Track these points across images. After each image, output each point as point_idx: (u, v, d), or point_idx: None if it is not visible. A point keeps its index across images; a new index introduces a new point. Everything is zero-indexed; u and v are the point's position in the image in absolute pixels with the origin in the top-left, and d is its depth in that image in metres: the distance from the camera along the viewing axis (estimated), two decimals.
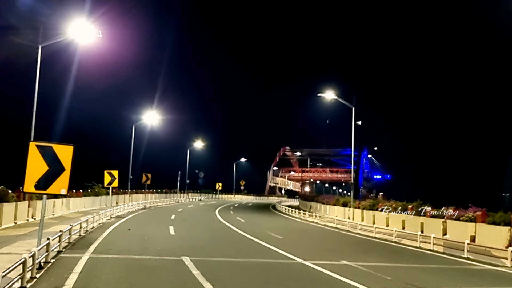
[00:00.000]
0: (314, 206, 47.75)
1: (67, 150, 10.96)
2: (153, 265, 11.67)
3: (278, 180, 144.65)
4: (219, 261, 13.01)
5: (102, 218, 24.22)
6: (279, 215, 41.77)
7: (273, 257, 14.31)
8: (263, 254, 14.82)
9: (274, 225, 28.66)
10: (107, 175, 27.09)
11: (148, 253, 13.66)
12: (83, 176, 45.70)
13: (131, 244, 15.57)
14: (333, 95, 36.24)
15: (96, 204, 36.53)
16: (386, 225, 27.80)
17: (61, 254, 12.73)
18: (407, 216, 26.65)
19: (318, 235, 23.57)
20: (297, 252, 15.23)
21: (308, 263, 13.07)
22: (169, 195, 63.48)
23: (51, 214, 26.33)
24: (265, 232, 22.79)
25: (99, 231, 19.43)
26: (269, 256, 14.52)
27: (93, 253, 13.13)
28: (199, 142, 76.55)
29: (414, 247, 18.85)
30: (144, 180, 44.09)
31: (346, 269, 12.47)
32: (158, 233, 19.67)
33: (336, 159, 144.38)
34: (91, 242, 15.60)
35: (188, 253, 13.97)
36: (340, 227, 27.87)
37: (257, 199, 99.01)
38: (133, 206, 37.53)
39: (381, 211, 30.24)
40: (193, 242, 17.37)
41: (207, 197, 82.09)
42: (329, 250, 16.85)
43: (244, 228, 23.98)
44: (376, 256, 15.65)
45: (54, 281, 9.22)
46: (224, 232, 22.65)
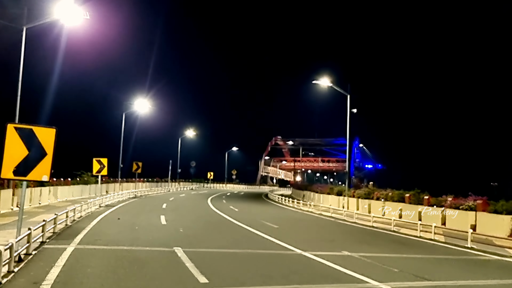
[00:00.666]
0: (307, 195, 47.21)
1: (49, 133, 10.04)
2: (143, 257, 10.87)
3: (270, 170, 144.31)
4: (214, 252, 12.23)
5: (90, 207, 23.33)
6: (273, 204, 41.12)
7: (271, 248, 13.58)
8: (260, 245, 14.08)
9: (268, 214, 27.98)
10: (96, 163, 26.12)
11: (139, 243, 12.85)
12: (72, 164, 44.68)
13: (120, 234, 14.74)
14: (328, 82, 35.44)
15: (85, 193, 35.56)
16: (382, 214, 27.28)
17: (45, 245, 11.88)
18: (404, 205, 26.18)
19: (315, 224, 22.92)
20: (296, 242, 14.53)
21: (308, 254, 12.35)
22: (160, 184, 62.58)
23: (37, 202, 25.37)
24: (259, 221, 22.08)
25: (87, 220, 18.56)
26: (267, 246, 13.79)
27: (79, 244, 12.29)
28: (191, 131, 75.47)
29: (415, 236, 18.25)
30: (135, 168, 43.10)
31: (349, 260, 11.78)
32: (149, 223, 18.85)
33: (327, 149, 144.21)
34: (78, 232, 14.75)
35: (181, 243, 13.18)
36: (336, 216, 27.26)
37: (249, 188, 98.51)
38: (123, 195, 36.63)
39: (377, 200, 29.76)
40: (186, 232, 16.59)
41: (199, 186, 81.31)
42: (328, 240, 16.17)
43: (238, 217, 23.24)
44: (377, 246, 15.00)
45: (34, 276, 8.37)
46: (217, 221, 21.90)
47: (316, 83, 35.75)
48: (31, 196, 24.39)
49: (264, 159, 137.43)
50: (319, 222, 23.93)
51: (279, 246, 13.90)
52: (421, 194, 25.48)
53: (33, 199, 24.70)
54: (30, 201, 24.25)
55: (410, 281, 9.47)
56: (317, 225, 22.70)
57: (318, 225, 22.69)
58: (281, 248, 13.41)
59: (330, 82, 35.39)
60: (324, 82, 35.51)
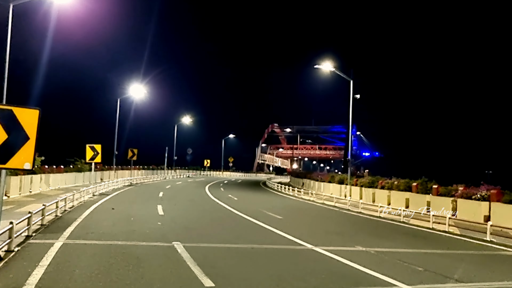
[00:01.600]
0: (307, 183, 46.25)
1: (32, 115, 8.83)
2: (139, 253, 9.76)
3: (266, 157, 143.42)
4: (217, 247, 11.14)
5: (83, 195, 22.18)
6: (272, 193, 40.13)
7: (278, 242, 12.51)
8: (266, 239, 13.00)
9: (269, 204, 26.95)
10: (89, 150, 24.91)
11: (134, 237, 11.74)
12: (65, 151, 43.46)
13: (114, 226, 13.62)
14: (331, 67, 34.24)
15: (79, 180, 34.38)
16: (388, 203, 26.32)
17: (30, 239, 10.74)
18: (411, 194, 25.22)
19: (319, 215, 21.88)
20: (303, 235, 13.48)
21: (320, 249, 11.29)
22: (156, 171, 61.43)
23: (28, 191, 24.18)
24: (261, 211, 21.03)
25: (79, 210, 17.42)
26: (274, 240, 12.72)
27: (69, 238, 11.15)
28: (187, 118, 74.11)
29: (427, 228, 17.26)
30: (130, 155, 41.90)
31: (365, 257, 10.73)
32: (145, 213, 17.74)
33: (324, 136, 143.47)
34: (68, 224, 13.61)
35: (180, 237, 12.10)
36: (340, 205, 26.27)
37: (246, 176, 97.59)
38: (118, 183, 35.49)
39: (382, 189, 28.77)
40: (185, 223, 15.50)
41: (195, 173, 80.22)
42: (337, 232, 15.11)
43: (238, 207, 22.19)
44: (391, 240, 13.97)
45: (13, 279, 7.23)
46: (217, 211, 20.82)
47: (318, 68, 34.57)
48: (21, 184, 23.20)
49: (261, 146, 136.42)
50: (323, 212, 22.90)
51: (286, 240, 12.83)
52: (429, 183, 24.49)
53: (23, 187, 23.50)
54: (20, 190, 23.07)
55: (441, 283, 8.42)
56: (322, 215, 21.68)
57: (322, 215, 21.66)
58: (289, 243, 12.34)
59: (332, 67, 34.21)
60: (326, 66, 34.31)
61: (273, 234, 13.89)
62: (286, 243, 12.30)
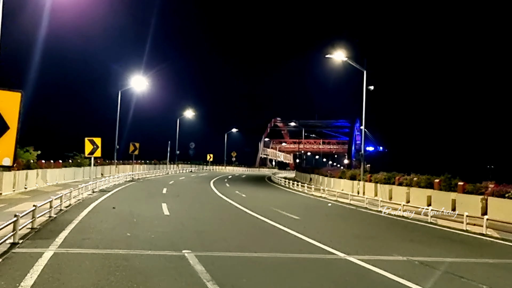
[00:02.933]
0: (315, 179, 44.61)
1: (12, 99, 7.12)
2: (145, 267, 8.11)
3: (269, 152, 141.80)
4: (235, 258, 9.47)
5: (82, 192, 20.55)
6: (280, 189, 38.50)
7: (304, 249, 10.85)
8: (289, 245, 11.35)
9: (280, 201, 25.33)
10: (88, 143, 23.22)
11: (138, 244, 10.10)
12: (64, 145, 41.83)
13: (115, 230, 11.97)
14: (343, 57, 32.48)
15: (78, 176, 32.78)
16: (407, 201, 24.68)
17: (16, 248, 9.10)
18: (433, 192, 23.55)
19: (337, 214, 20.19)
20: (330, 240, 11.83)
21: (354, 259, 9.64)
22: (158, 166, 59.84)
23: (23, 187, 22.55)
24: (274, 210, 19.40)
25: (76, 210, 15.78)
26: (298, 248, 11.06)
27: (61, 246, 9.50)
28: (190, 112, 72.33)
29: (460, 230, 15.60)
30: (132, 150, 40.25)
31: (412, 269, 9.08)
32: (149, 213, 16.09)
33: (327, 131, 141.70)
34: (63, 227, 11.97)
35: (191, 244, 10.46)
36: (355, 203, 24.62)
37: (249, 170, 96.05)
38: (119, 178, 33.87)
39: (399, 186, 27.10)
40: (194, 225, 13.85)
41: (198, 168, 78.61)
42: (367, 237, 13.43)
43: (248, 205, 20.55)
44: (429, 246, 12.29)
45: None
46: (227, 210, 19.19)
47: (329, 58, 32.82)
48: (15, 180, 21.56)
49: (264, 141, 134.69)
50: (341, 211, 21.21)
51: (312, 246, 11.18)
52: (453, 179, 22.81)
53: (17, 184, 21.87)
54: (13, 186, 21.44)
55: None
56: (340, 215, 20.00)
57: (341, 215, 19.98)
58: (317, 250, 10.68)
59: (345, 57, 32.46)
60: (338, 56, 32.55)
61: (295, 239, 12.23)
62: (313, 250, 10.63)
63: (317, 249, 10.77)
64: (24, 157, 23.56)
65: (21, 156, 23.40)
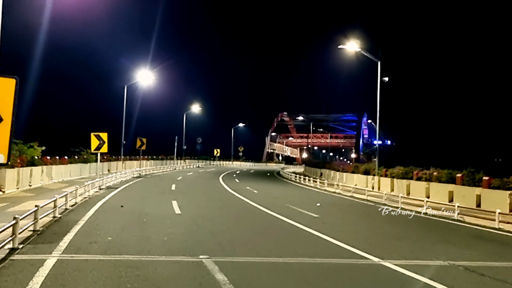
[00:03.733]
0: (326, 174, 43.56)
1: (5, 87, 6.16)
2: (159, 277, 7.15)
3: (276, 146, 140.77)
4: (259, 264, 8.46)
5: (88, 190, 19.67)
6: (291, 184, 37.50)
7: (332, 253, 9.82)
8: (315, 248, 10.33)
9: (294, 197, 24.33)
10: (94, 139, 22.32)
11: (150, 248, 9.14)
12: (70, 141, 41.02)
13: (124, 232, 11.02)
14: (357, 47, 31.32)
15: (84, 172, 31.96)
16: (426, 196, 23.56)
17: (15, 254, 8.17)
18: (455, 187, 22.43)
19: (357, 211, 19.09)
20: (358, 242, 10.83)
21: (391, 264, 8.62)
22: (166, 162, 59.01)
23: (27, 185, 21.71)
24: (290, 207, 18.41)
25: (82, 209, 14.88)
26: (326, 251, 10.05)
27: (65, 252, 8.55)
28: (196, 106, 71.35)
29: (492, 228, 14.51)
30: (139, 145, 39.32)
31: (460, 277, 8.05)
32: (159, 212, 15.16)
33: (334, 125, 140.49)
34: (68, 229, 11.04)
35: (208, 247, 9.49)
36: (373, 199, 23.57)
37: (256, 165, 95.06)
38: (126, 175, 33.02)
39: (418, 180, 25.99)
40: (208, 225, 12.88)
41: (205, 163, 77.75)
42: (397, 237, 12.37)
43: (262, 202, 19.57)
44: (467, 248, 11.20)
45: None
46: (241, 208, 18.21)
47: (341, 48, 31.68)
48: (19, 178, 20.70)
49: (270, 135, 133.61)
50: (360, 208, 20.15)
51: (340, 249, 10.16)
52: (476, 174, 21.67)
53: (21, 181, 21.00)
54: (17, 184, 20.58)
55: None
56: (361, 212, 18.91)
57: (361, 212, 18.89)
58: (346, 253, 9.66)
59: (358, 47, 31.29)
60: (351, 46, 31.40)
61: (321, 240, 11.22)
62: (343, 254, 9.62)
63: (347, 253, 9.75)
64: (28, 153, 22.68)
65: (25, 152, 22.55)
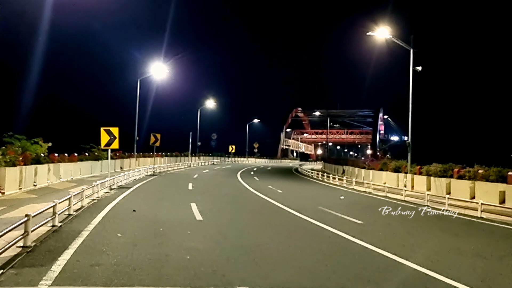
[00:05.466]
0: (349, 171, 41.07)
1: None
2: None
3: (290, 143, 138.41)
4: None
5: (97, 190, 17.60)
6: (313, 182, 35.14)
7: (406, 280, 7.50)
8: (381, 270, 7.99)
9: (323, 198, 22.02)
10: (104, 134, 20.30)
11: (169, 274, 6.92)
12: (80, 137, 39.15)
13: (136, 248, 8.81)
14: (387, 34, 28.76)
15: (96, 170, 30.03)
16: (471, 197, 21.07)
17: None
18: (507, 186, 19.87)
19: (403, 216, 16.43)
20: (430, 261, 8.50)
21: None
22: (180, 158, 57.05)
23: (31, 185, 19.74)
24: (324, 210, 16.11)
25: (88, 215, 12.75)
26: (396, 275, 7.71)
27: (57, 284, 6.36)
28: (211, 102, 69.25)
29: None
30: (153, 141, 37.35)
31: None
32: (177, 217, 12.97)
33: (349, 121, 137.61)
34: (67, 243, 8.88)
35: (244, 271, 7.25)
36: (411, 199, 21.18)
37: (272, 162, 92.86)
38: (140, 172, 30.99)
39: (459, 179, 23.43)
40: (238, 237, 10.63)
41: (220, 160, 75.68)
42: (473, 253, 9.86)
43: (291, 204, 17.29)
44: None
45: None
46: (268, 211, 15.93)
47: (370, 35, 29.12)
48: (21, 177, 18.71)
49: (285, 131, 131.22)
50: (404, 212, 17.63)
51: (415, 273, 7.79)
52: None
53: (24, 181, 19.01)
54: (20, 184, 18.59)
55: None
56: (407, 217, 16.28)
57: (408, 217, 16.30)
58: (429, 281, 7.31)
59: (389, 34, 28.73)
60: (381, 33, 28.84)
61: (381, 258, 8.87)
62: (425, 282, 7.28)
63: (428, 280, 7.40)
64: (33, 150, 20.69)
65: (28, 149, 20.55)
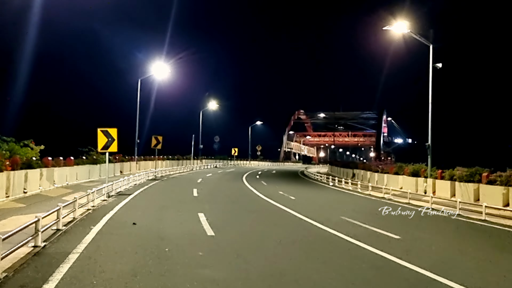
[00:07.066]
0: (360, 175, 39.15)
1: None
2: None
3: (293, 145, 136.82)
4: None
5: (93, 199, 15.74)
6: (323, 186, 33.27)
7: None
8: None
9: (342, 205, 20.18)
10: (101, 135, 18.49)
11: None
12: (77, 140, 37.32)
13: (136, 279, 6.91)
14: (405, 28, 26.93)
15: (94, 174, 28.19)
16: (504, 204, 19.19)
17: None
18: None
19: (439, 227, 14.55)
20: None
21: None
22: (182, 162, 55.19)
23: (21, 192, 17.88)
24: (349, 221, 14.23)
25: (80, 229, 10.90)
26: None
27: None
28: (213, 104, 67.42)
29: None
30: (154, 144, 35.54)
31: None
32: (185, 232, 11.12)
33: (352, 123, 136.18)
34: (48, 273, 7.02)
35: None
36: (438, 207, 19.35)
37: (275, 165, 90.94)
38: (140, 177, 29.12)
39: (489, 184, 21.54)
40: (260, 260, 8.75)
41: (223, 163, 73.79)
42: None
43: (309, 214, 15.44)
44: None
45: None
46: (287, 223, 14.02)
47: (387, 29, 27.32)
48: (9, 184, 16.83)
49: (288, 134, 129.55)
50: (437, 223, 15.69)
51: None
52: None
53: (13, 188, 17.13)
54: (7, 191, 16.73)
55: None
56: (443, 229, 14.40)
57: (446, 229, 14.41)
58: None
59: (407, 29, 26.91)
60: (398, 28, 27.02)
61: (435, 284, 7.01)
62: None
63: None
64: (22, 154, 18.84)
65: (17, 152, 18.69)
